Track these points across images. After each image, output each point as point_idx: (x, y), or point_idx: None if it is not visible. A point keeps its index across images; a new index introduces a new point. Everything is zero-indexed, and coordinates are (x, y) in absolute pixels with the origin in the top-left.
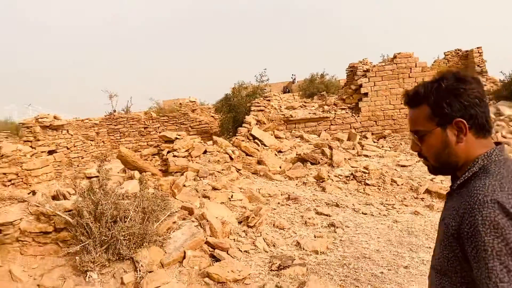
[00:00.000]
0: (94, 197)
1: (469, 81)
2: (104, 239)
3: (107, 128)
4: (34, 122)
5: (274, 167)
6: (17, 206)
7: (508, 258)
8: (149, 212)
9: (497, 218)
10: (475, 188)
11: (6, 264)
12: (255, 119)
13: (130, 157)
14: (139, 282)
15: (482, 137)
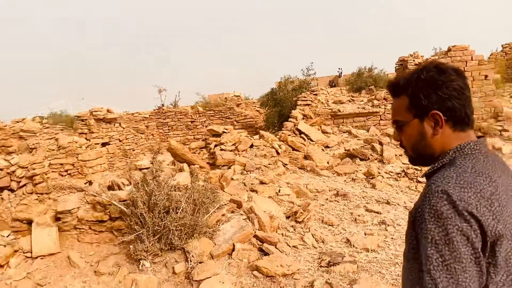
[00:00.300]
0: (147, 188)
1: (449, 73)
2: (157, 229)
3: (156, 121)
4: (89, 115)
5: (322, 163)
6: (75, 195)
7: (445, 248)
8: (200, 204)
9: (443, 208)
10: (434, 179)
11: (65, 250)
12: (301, 114)
13: (179, 150)
14: (190, 272)
15: (460, 130)
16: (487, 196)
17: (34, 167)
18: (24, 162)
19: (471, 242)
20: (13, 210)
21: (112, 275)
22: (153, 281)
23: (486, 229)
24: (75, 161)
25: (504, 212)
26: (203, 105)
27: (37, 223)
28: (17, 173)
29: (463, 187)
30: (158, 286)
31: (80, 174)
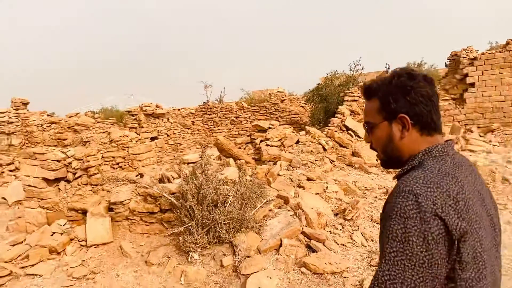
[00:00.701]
0: (196, 181)
1: (419, 80)
2: (206, 222)
3: (202, 117)
4: (139, 111)
5: (370, 160)
6: (127, 187)
7: (400, 245)
8: (247, 199)
9: (407, 208)
10: (402, 179)
11: (117, 240)
12: (348, 110)
13: (226, 145)
14: (237, 266)
15: (427, 134)
16: (453, 196)
17: (88, 159)
18: (79, 155)
19: (428, 243)
20: (69, 200)
21: (162, 266)
22: (202, 273)
23: (451, 228)
24: (126, 154)
25: (470, 211)
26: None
27: (91, 213)
28: (73, 165)
29: (430, 187)
30: (207, 278)
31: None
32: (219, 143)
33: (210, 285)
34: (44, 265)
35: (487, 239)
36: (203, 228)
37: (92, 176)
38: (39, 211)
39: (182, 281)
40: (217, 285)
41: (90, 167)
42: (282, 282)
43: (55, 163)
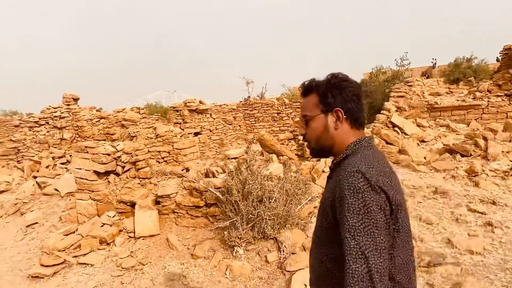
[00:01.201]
0: (241, 176)
1: (352, 82)
2: (251, 217)
3: (243, 113)
4: (183, 106)
5: (418, 158)
6: (173, 181)
7: (365, 216)
8: (292, 195)
9: (360, 184)
10: (345, 164)
11: (164, 233)
12: (395, 106)
13: (269, 141)
14: (282, 262)
15: (356, 128)
16: (388, 175)
17: (137, 153)
18: (128, 149)
19: (384, 211)
20: (118, 192)
21: (208, 259)
22: (247, 268)
23: (391, 200)
24: (171, 149)
25: (399, 188)
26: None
27: (139, 206)
28: (122, 158)
29: (371, 168)
30: (251, 273)
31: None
32: (262, 139)
33: (255, 280)
34: (95, 255)
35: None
36: (247, 223)
37: (140, 170)
38: (90, 203)
39: (227, 275)
40: (262, 280)
41: (138, 161)
42: None
43: (105, 156)
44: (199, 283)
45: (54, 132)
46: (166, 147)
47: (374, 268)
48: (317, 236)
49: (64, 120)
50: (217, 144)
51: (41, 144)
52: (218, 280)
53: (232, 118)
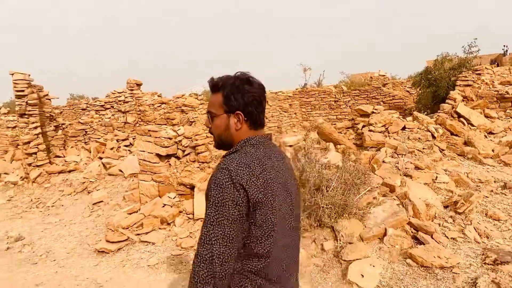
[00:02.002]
0: (298, 164)
1: (255, 86)
2: (308, 205)
3: (299, 100)
4: None
5: (485, 150)
6: None
7: (219, 209)
8: (350, 185)
9: (223, 180)
10: (223, 160)
11: None
12: (461, 95)
13: (327, 129)
14: (339, 251)
15: (254, 129)
16: (256, 174)
17: (196, 138)
18: (188, 133)
19: (238, 206)
20: (178, 175)
21: None
22: (302, 255)
23: (250, 197)
24: None
25: (267, 187)
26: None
27: (198, 189)
28: (183, 143)
29: (240, 166)
30: (307, 260)
31: None
32: (320, 127)
33: (311, 267)
34: (156, 233)
35: (282, 210)
36: (304, 211)
37: (199, 154)
38: (151, 184)
39: None
40: (317, 267)
41: (198, 145)
42: (385, 272)
43: (167, 140)
44: None
45: (118, 115)
46: None
47: (216, 254)
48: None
49: (128, 104)
50: (273, 131)
51: (106, 127)
52: None
53: (287, 106)
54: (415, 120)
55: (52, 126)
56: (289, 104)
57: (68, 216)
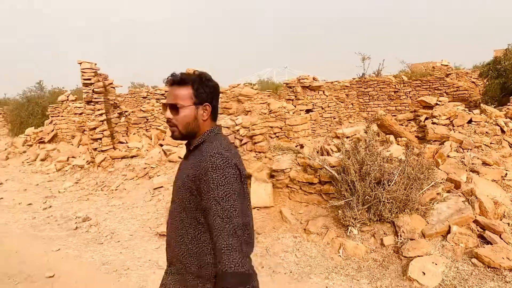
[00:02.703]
0: (358, 156)
1: (215, 83)
2: (367, 198)
3: (357, 90)
4: (296, 83)
5: None
6: (287, 156)
7: (226, 186)
8: (413, 179)
9: (220, 162)
10: (206, 148)
11: (277, 206)
12: None
13: (387, 121)
14: (399, 247)
15: (213, 120)
16: (237, 156)
17: (254, 127)
18: (246, 123)
19: (238, 181)
20: None
21: (321, 236)
22: (361, 249)
23: (242, 174)
24: (283, 125)
25: (243, 165)
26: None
27: (255, 178)
28: (240, 132)
29: (226, 150)
30: (366, 254)
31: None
32: (379, 119)
33: (369, 262)
34: None
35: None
36: (363, 204)
37: (256, 144)
38: None
39: (340, 253)
40: (376, 262)
41: (255, 135)
42: (449, 271)
43: (225, 129)
44: (312, 258)
45: None
46: (278, 123)
47: (237, 225)
48: (179, 202)
49: None
50: (329, 122)
51: None
52: (330, 257)
53: (344, 96)
54: (483, 113)
55: (115, 113)
56: (345, 94)
57: (131, 200)
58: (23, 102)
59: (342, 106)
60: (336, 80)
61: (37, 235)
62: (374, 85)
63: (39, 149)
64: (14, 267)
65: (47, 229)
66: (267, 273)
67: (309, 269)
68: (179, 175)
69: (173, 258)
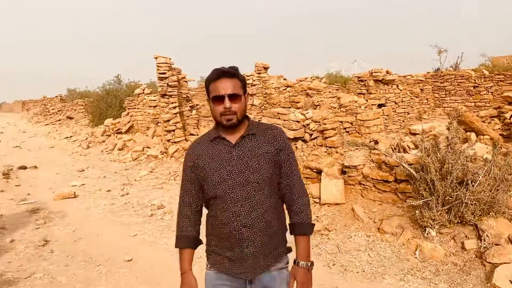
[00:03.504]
0: (439, 154)
1: None
2: (448, 199)
3: (432, 85)
4: (368, 76)
5: None
6: (360, 152)
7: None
8: (500, 180)
9: (286, 134)
10: (267, 127)
11: (349, 203)
12: None
13: (468, 117)
14: (482, 252)
15: None
16: None
17: (325, 122)
18: (316, 117)
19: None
20: (305, 159)
21: (395, 236)
22: (439, 252)
23: None
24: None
25: None
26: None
27: (326, 174)
28: (311, 126)
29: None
30: (444, 258)
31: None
32: (460, 115)
33: (449, 266)
34: None
35: None
36: (443, 205)
37: (327, 139)
38: None
39: (417, 255)
40: (456, 267)
41: (326, 129)
42: None
43: (295, 123)
44: (386, 258)
45: None
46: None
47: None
48: (259, 176)
49: (255, 87)
50: (402, 117)
51: None
52: (406, 258)
53: (418, 91)
54: None
55: (187, 106)
56: (420, 89)
57: None
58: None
59: (416, 101)
60: (409, 74)
61: (115, 220)
62: (451, 80)
63: (116, 139)
64: (96, 250)
65: (125, 215)
66: (338, 270)
67: (382, 269)
68: (249, 156)
69: (255, 236)
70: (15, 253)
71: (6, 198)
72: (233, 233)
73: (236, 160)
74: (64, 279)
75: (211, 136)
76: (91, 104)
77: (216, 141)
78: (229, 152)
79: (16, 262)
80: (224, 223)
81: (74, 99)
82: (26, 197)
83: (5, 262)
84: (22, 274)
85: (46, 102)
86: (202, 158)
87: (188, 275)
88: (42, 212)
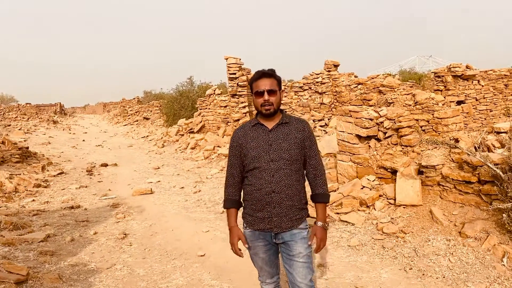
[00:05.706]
0: None
1: None
2: None
3: None
4: (446, 72)
5: None
6: (439, 151)
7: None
8: None
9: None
10: (297, 119)
11: (427, 204)
12: None
13: None
14: None
15: None
16: None
17: (400, 119)
18: (391, 115)
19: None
20: (378, 158)
21: (479, 241)
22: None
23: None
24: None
25: None
26: None
27: (401, 173)
28: (385, 124)
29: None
30: None
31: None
32: None
33: None
34: (355, 214)
35: None
36: None
37: (403, 137)
38: (350, 165)
39: (504, 262)
40: None
41: (401, 127)
42: None
43: (368, 121)
44: (468, 264)
45: (315, 96)
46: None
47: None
48: (289, 156)
49: (325, 85)
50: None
51: (303, 107)
52: (492, 266)
53: (502, 86)
54: None
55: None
56: (504, 85)
57: None
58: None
59: (500, 97)
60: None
61: (189, 216)
62: None
63: (189, 138)
64: (171, 244)
65: (198, 211)
66: (415, 275)
67: (465, 276)
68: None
69: (281, 200)
70: (97, 245)
71: (90, 193)
72: (265, 196)
73: (272, 141)
74: (142, 271)
75: (253, 122)
76: (166, 105)
77: (256, 126)
78: (267, 135)
79: (98, 253)
80: (258, 188)
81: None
82: (107, 192)
83: (89, 253)
84: (104, 265)
85: (125, 104)
86: (245, 139)
87: (236, 228)
88: (122, 207)
